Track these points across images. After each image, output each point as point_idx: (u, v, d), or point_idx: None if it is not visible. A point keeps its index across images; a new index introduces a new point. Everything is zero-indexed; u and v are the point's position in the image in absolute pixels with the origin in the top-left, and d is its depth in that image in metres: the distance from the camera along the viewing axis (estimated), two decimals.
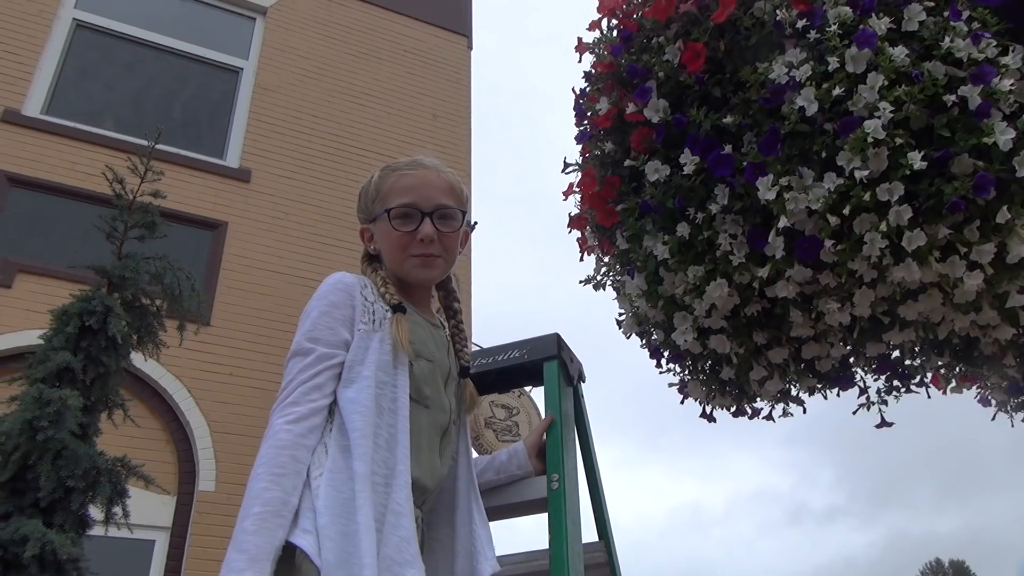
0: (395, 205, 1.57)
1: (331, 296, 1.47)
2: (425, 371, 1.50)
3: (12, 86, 6.56)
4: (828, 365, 1.90)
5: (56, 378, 2.92)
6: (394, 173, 1.62)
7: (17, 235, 6.05)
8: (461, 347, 1.66)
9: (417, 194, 1.58)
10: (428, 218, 1.56)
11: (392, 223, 1.56)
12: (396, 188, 1.59)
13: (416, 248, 1.56)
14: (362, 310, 1.46)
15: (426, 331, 1.56)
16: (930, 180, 1.45)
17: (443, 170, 1.65)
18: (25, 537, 2.61)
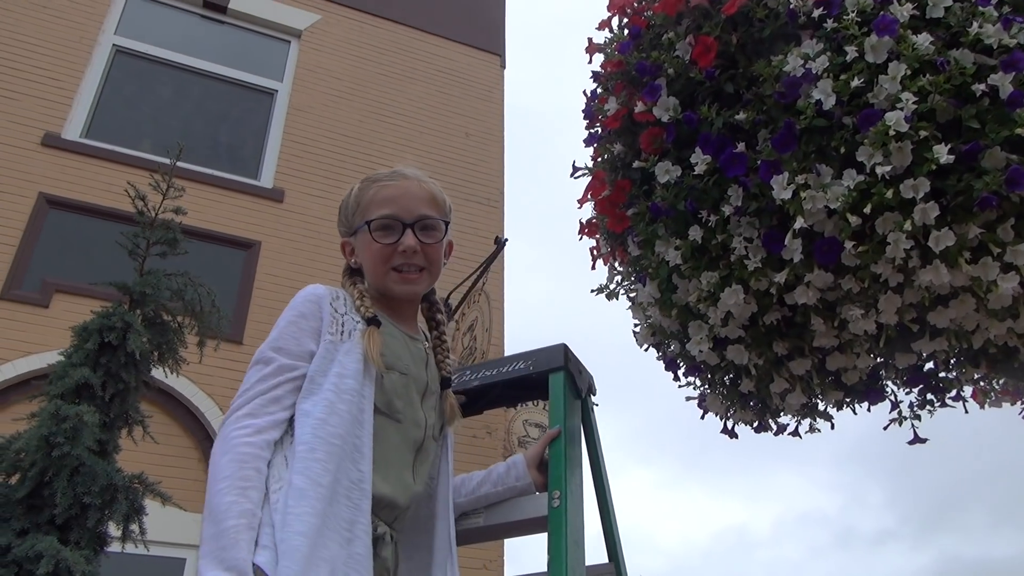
0: (375, 217, 1.52)
1: (300, 307, 1.43)
2: (397, 384, 1.44)
3: (53, 110, 6.69)
4: (855, 377, 1.79)
5: (74, 394, 2.91)
6: (374, 184, 1.58)
7: (55, 256, 6.14)
8: (443, 358, 1.61)
9: (398, 205, 1.53)
10: (410, 229, 1.52)
11: (373, 235, 1.52)
12: (376, 199, 1.55)
13: (398, 260, 1.52)
14: (330, 320, 1.42)
15: (401, 343, 1.51)
16: (958, 175, 1.35)
17: (425, 180, 1.61)
18: (40, 554, 2.59)
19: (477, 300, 6.35)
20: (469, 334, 6.24)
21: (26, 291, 5.84)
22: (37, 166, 6.36)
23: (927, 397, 1.90)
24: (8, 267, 5.86)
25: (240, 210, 6.83)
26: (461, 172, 7.98)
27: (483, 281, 6.46)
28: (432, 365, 1.57)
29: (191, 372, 5.45)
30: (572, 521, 1.42)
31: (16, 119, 6.48)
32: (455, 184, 7.84)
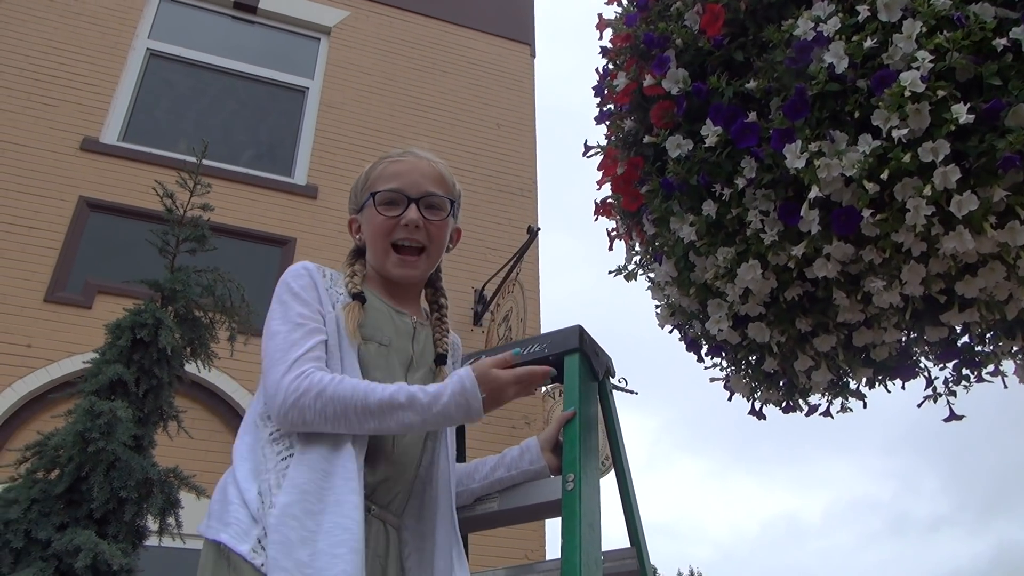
0: (381, 189, 1.53)
1: (298, 281, 1.44)
2: (373, 354, 1.44)
3: (91, 115, 6.82)
4: (885, 353, 1.73)
5: (109, 391, 2.96)
6: (384, 160, 1.60)
7: (97, 258, 6.27)
8: (440, 337, 1.62)
9: (405, 180, 1.54)
10: (414, 204, 1.53)
11: (377, 207, 1.52)
12: (385, 174, 1.56)
13: (399, 233, 1.52)
14: (324, 294, 1.44)
15: (385, 316, 1.51)
16: (980, 136, 1.29)
17: (435, 160, 1.61)
18: (78, 548, 2.64)
19: (511, 290, 6.33)
20: (504, 324, 6.23)
21: (70, 293, 5.98)
22: (77, 170, 6.49)
23: (962, 372, 1.83)
24: (52, 270, 6.00)
25: (275, 207, 6.90)
26: (493, 163, 7.97)
27: (517, 271, 6.44)
28: (422, 339, 1.57)
29: (230, 368, 5.54)
30: (586, 504, 1.39)
31: (56, 125, 6.63)
32: (487, 175, 7.83)
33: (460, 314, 6.88)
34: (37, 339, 5.70)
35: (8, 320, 5.70)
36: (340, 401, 1.28)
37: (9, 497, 2.83)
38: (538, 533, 6.08)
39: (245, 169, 7.04)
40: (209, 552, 1.27)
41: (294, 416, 1.28)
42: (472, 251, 7.18)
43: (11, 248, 5.97)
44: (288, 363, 1.31)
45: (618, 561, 1.56)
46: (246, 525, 1.23)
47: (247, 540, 1.21)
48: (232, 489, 1.29)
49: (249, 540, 1.21)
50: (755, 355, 1.81)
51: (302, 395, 1.28)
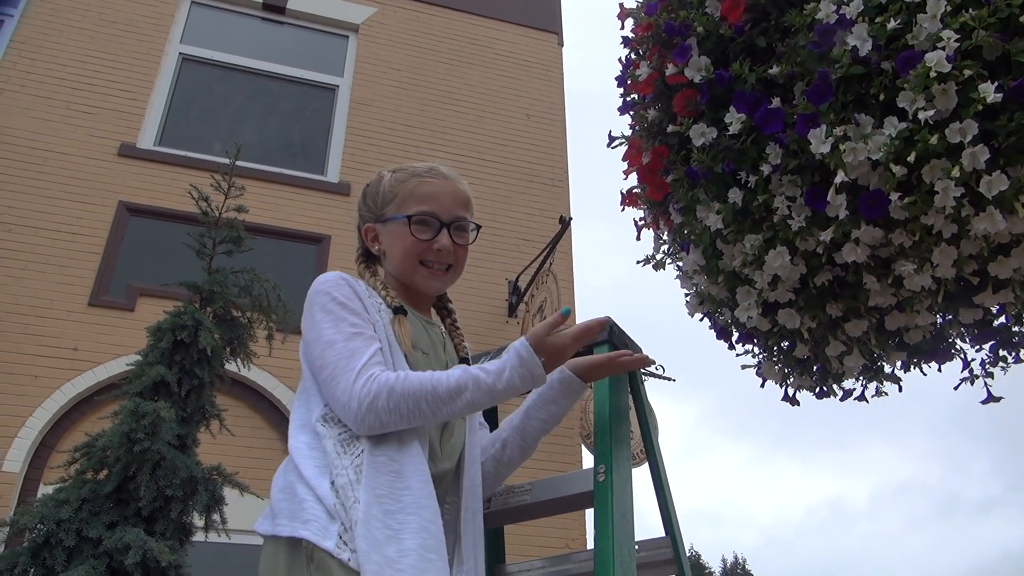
0: (415, 212, 1.55)
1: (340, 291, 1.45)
2: (420, 362, 1.48)
3: (128, 121, 6.95)
4: (918, 336, 1.71)
5: (152, 392, 3.04)
6: (413, 178, 1.60)
7: (138, 261, 6.40)
8: (459, 341, 1.66)
9: (437, 203, 1.57)
10: (446, 229, 1.56)
11: (412, 229, 1.54)
12: (416, 194, 1.57)
13: (429, 256, 1.56)
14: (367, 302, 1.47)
15: (420, 328, 1.56)
16: (1009, 114, 1.27)
17: (461, 182, 1.64)
18: (128, 545, 2.72)
19: (545, 281, 6.34)
20: (539, 315, 6.23)
21: (113, 296, 6.11)
22: (116, 176, 6.63)
23: (999, 353, 1.80)
24: (95, 274, 6.14)
25: (309, 206, 6.98)
26: (524, 154, 7.96)
27: (550, 261, 6.44)
28: (449, 348, 1.62)
29: (270, 365, 5.62)
30: (618, 495, 1.40)
31: (94, 132, 6.76)
32: (518, 166, 7.83)
33: (495, 306, 6.90)
34: (83, 342, 5.84)
35: (55, 324, 5.84)
36: (411, 396, 1.32)
37: (60, 498, 2.91)
38: (579, 522, 6.10)
39: (278, 169, 7.13)
40: (281, 550, 1.28)
41: (371, 420, 1.31)
42: (505, 243, 7.20)
43: (56, 254, 6.12)
44: (355, 371, 1.34)
45: (653, 550, 1.57)
46: (325, 521, 1.24)
47: (330, 536, 1.22)
48: (301, 487, 1.30)
49: (331, 536, 1.23)
50: (786, 341, 1.80)
51: (375, 398, 1.31)
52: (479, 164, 7.64)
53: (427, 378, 1.34)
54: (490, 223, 7.12)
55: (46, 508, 2.85)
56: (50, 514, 2.82)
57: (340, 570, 1.20)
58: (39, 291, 5.94)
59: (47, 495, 2.98)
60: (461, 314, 1.75)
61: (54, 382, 5.63)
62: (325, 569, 1.21)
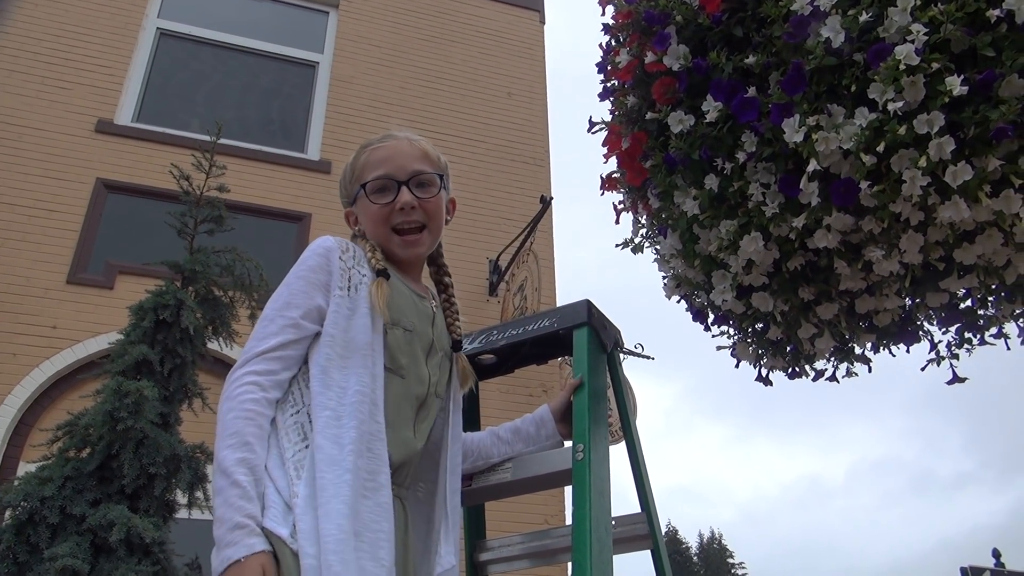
0: (370, 179, 1.55)
1: (310, 260, 1.45)
2: (400, 340, 1.45)
3: (105, 97, 6.88)
4: (887, 319, 1.77)
5: (135, 371, 3.05)
6: (366, 150, 1.60)
7: (116, 239, 6.36)
8: (452, 321, 1.62)
9: (391, 164, 1.55)
10: (404, 186, 1.54)
11: (369, 197, 1.54)
12: (370, 163, 1.57)
13: (397, 218, 1.53)
14: (339, 274, 1.43)
15: (408, 300, 1.52)
16: (974, 107, 1.31)
17: (415, 138, 1.62)
18: (112, 522, 2.74)
19: (526, 260, 6.37)
20: (519, 294, 6.28)
21: (91, 274, 6.08)
22: (93, 152, 6.56)
23: (965, 336, 1.86)
24: (73, 252, 6.10)
25: (289, 184, 6.96)
26: (505, 133, 7.96)
27: (531, 241, 6.48)
28: (439, 324, 1.58)
29: None
30: (596, 473, 1.45)
31: (71, 108, 6.69)
32: (500, 145, 7.84)
33: (475, 284, 6.93)
34: (62, 320, 5.81)
35: (33, 302, 5.81)
36: (225, 424, 1.28)
37: (43, 475, 2.93)
38: (557, 498, 6.19)
39: (258, 146, 7.09)
40: None
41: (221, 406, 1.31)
42: (486, 221, 7.21)
43: (33, 231, 6.07)
44: (250, 355, 1.34)
45: (629, 526, 1.62)
46: (283, 510, 1.26)
47: (286, 525, 1.24)
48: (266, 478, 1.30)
49: (287, 525, 1.24)
50: (760, 324, 1.85)
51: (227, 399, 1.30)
52: (460, 143, 7.64)
53: (242, 430, 1.27)
54: (471, 202, 7.14)
55: (29, 486, 2.87)
56: (33, 491, 2.83)
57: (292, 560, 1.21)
58: (16, 268, 5.90)
59: (30, 473, 3.00)
60: None
61: (33, 360, 5.61)
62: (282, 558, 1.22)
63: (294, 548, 1.22)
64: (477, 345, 1.82)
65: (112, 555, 2.73)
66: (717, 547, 52.59)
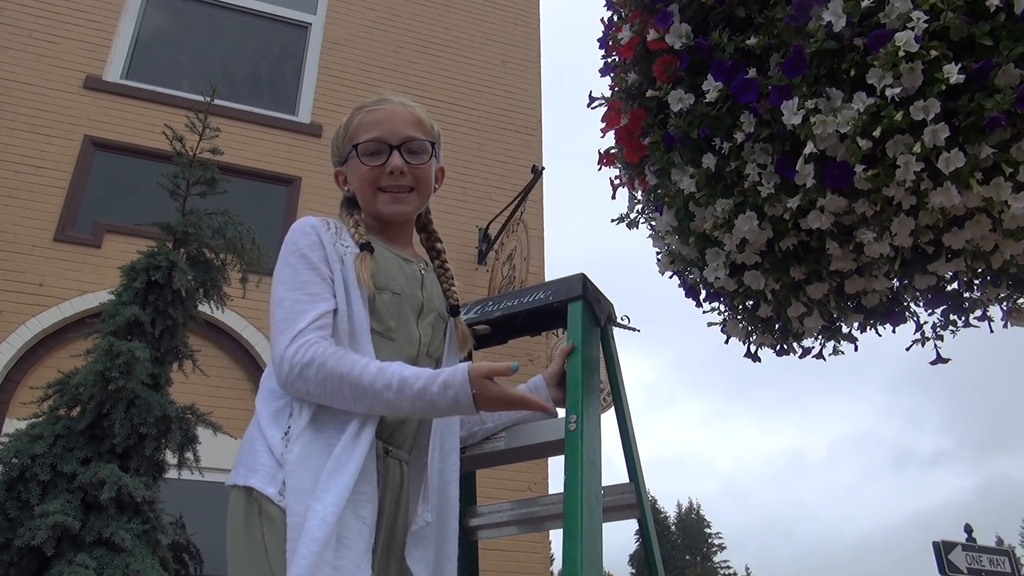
0: (362, 140, 1.56)
1: (301, 241, 1.47)
2: (389, 304, 1.49)
3: (93, 53, 6.79)
4: (875, 300, 1.80)
5: (126, 331, 3.06)
6: (360, 111, 1.62)
7: (104, 197, 6.32)
8: (448, 286, 1.65)
9: (384, 128, 1.57)
10: (396, 151, 1.56)
11: (361, 159, 1.56)
12: (363, 124, 1.59)
13: (385, 181, 1.56)
14: (330, 249, 1.48)
15: (394, 264, 1.56)
16: (970, 95, 1.33)
17: (410, 104, 1.64)
18: (103, 480, 2.77)
19: (515, 230, 6.38)
20: (508, 263, 6.30)
21: (78, 232, 6.05)
22: (81, 109, 6.49)
23: (950, 317, 1.90)
24: (60, 209, 6.06)
25: (280, 146, 6.91)
26: (498, 100, 7.93)
27: (521, 210, 6.49)
28: (429, 286, 1.61)
29: (240, 307, 5.64)
30: (588, 443, 1.48)
31: (58, 63, 6.60)
32: (492, 113, 7.80)
33: (464, 253, 6.95)
34: (49, 278, 5.79)
35: (20, 259, 5.78)
36: (338, 377, 1.32)
37: (34, 433, 2.95)
38: (541, 467, 6.27)
39: (249, 107, 7.03)
40: (239, 498, 1.33)
41: (300, 386, 1.34)
42: (477, 190, 7.21)
43: (20, 188, 6.02)
44: (293, 333, 1.36)
45: (617, 495, 1.66)
46: (272, 470, 1.30)
47: (274, 483, 1.28)
48: (257, 437, 1.36)
49: (276, 484, 1.28)
50: (751, 301, 1.88)
51: (305, 367, 1.33)
52: (453, 109, 7.60)
53: (360, 364, 1.34)
54: (462, 170, 7.12)
55: (20, 443, 2.89)
56: (24, 448, 2.85)
57: (281, 517, 1.25)
58: (2, 225, 5.86)
59: (20, 430, 3.02)
60: None
61: (19, 317, 5.60)
62: (269, 517, 1.26)
63: (281, 505, 1.26)
64: (472, 315, 1.84)
65: (102, 513, 2.76)
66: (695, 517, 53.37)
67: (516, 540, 5.78)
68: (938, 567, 9.40)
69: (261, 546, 1.26)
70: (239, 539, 1.30)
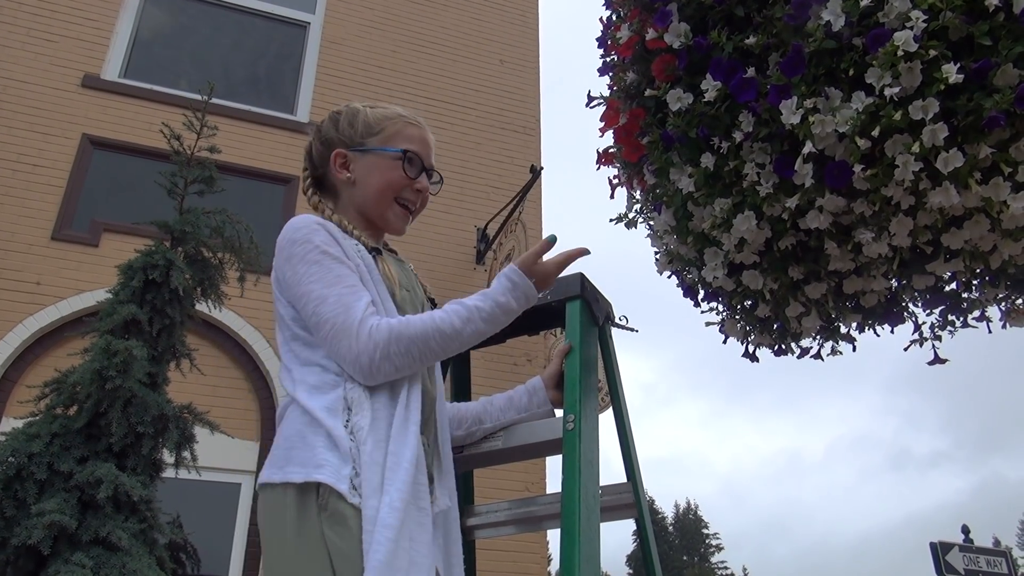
0: (408, 148, 1.60)
1: (316, 236, 1.44)
2: (407, 300, 1.54)
3: (91, 51, 6.78)
4: (873, 300, 1.80)
5: (124, 330, 3.05)
6: (400, 118, 1.64)
7: (102, 196, 6.31)
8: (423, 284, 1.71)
9: (424, 147, 1.64)
10: (427, 173, 1.64)
11: (405, 165, 1.59)
12: (403, 134, 1.62)
13: (407, 194, 1.61)
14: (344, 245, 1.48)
15: (395, 263, 1.61)
16: (969, 95, 1.33)
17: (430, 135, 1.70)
18: (99, 479, 2.76)
19: (513, 230, 6.38)
20: (506, 263, 6.29)
21: (76, 231, 6.04)
22: (79, 107, 6.49)
23: (948, 318, 1.90)
24: (57, 208, 6.05)
25: (278, 145, 6.91)
26: (496, 100, 7.92)
27: (519, 210, 6.48)
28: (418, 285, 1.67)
29: (237, 306, 5.63)
30: (586, 443, 1.48)
31: (56, 61, 6.59)
32: (490, 112, 7.80)
33: (463, 252, 6.94)
34: (46, 276, 5.78)
35: (17, 258, 5.77)
36: (420, 338, 1.36)
37: (31, 432, 2.94)
38: (539, 467, 6.27)
39: (247, 106, 7.02)
40: (289, 497, 1.26)
41: (387, 368, 1.33)
42: (475, 190, 7.21)
43: (17, 186, 6.01)
44: (355, 325, 1.34)
45: (615, 495, 1.66)
46: (338, 465, 1.26)
47: (343, 480, 1.24)
48: (312, 433, 1.30)
49: (344, 481, 1.24)
50: (749, 301, 1.88)
51: (386, 346, 1.33)
52: (451, 109, 7.60)
53: (427, 318, 1.39)
54: (460, 169, 7.12)
55: (17, 441, 2.88)
56: (21, 447, 2.85)
57: (355, 516, 1.21)
58: (0, 224, 5.85)
59: (17, 429, 3.01)
60: (429, 260, 1.83)
61: (16, 316, 5.59)
62: (337, 514, 1.21)
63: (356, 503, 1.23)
64: None
65: (99, 512, 2.76)
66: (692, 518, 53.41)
67: (513, 540, 5.78)
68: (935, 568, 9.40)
69: (321, 546, 1.20)
70: (287, 538, 1.23)
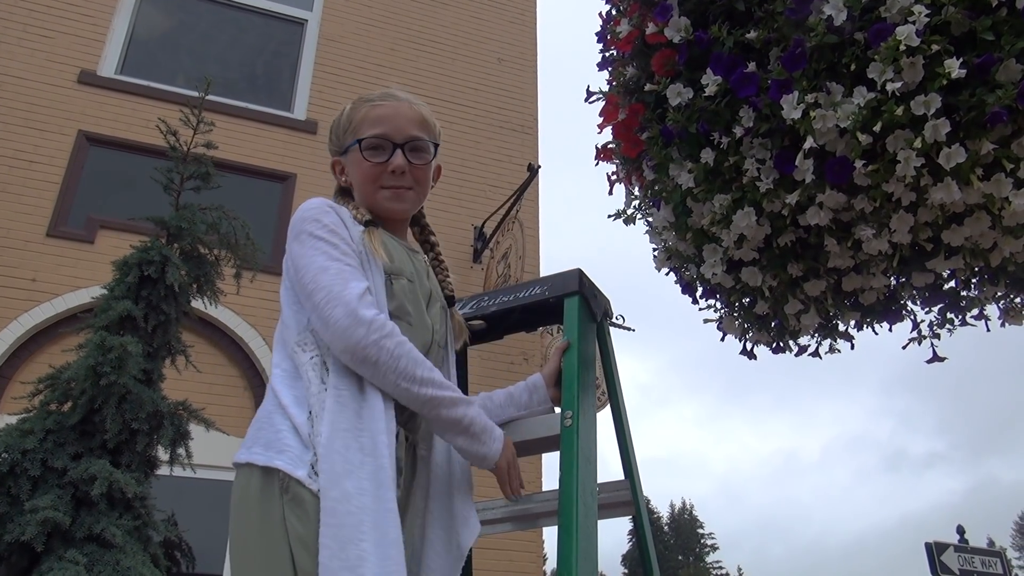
0: (367, 136, 1.55)
1: (325, 218, 1.45)
2: (406, 289, 1.50)
3: (88, 48, 6.75)
4: (872, 297, 1.79)
5: (119, 326, 3.04)
6: (366, 104, 1.60)
7: (98, 192, 6.29)
8: (444, 278, 1.67)
9: (389, 125, 1.56)
10: (399, 149, 1.55)
11: (363, 154, 1.55)
12: (368, 119, 1.57)
13: (387, 179, 1.55)
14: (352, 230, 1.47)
15: (403, 253, 1.57)
16: (971, 90, 1.32)
17: (416, 102, 1.63)
18: (94, 476, 2.75)
19: (511, 228, 6.37)
20: (503, 262, 6.28)
21: (72, 228, 6.01)
22: (75, 104, 6.46)
23: (947, 316, 1.89)
24: (53, 204, 6.03)
25: (275, 143, 6.89)
26: (494, 98, 7.91)
27: (517, 209, 6.47)
28: (433, 279, 1.63)
29: (233, 304, 5.62)
30: (583, 439, 1.47)
31: (53, 57, 6.57)
32: (488, 111, 7.79)
33: (460, 251, 6.93)
34: (41, 273, 5.76)
35: (12, 254, 5.75)
36: (413, 361, 1.33)
37: (24, 428, 2.92)
38: (535, 464, 6.25)
39: (244, 104, 7.00)
40: (254, 479, 1.28)
41: (372, 352, 1.31)
42: (472, 188, 7.19)
43: (13, 182, 5.99)
44: (353, 298, 1.33)
45: (613, 492, 1.65)
46: (299, 451, 1.27)
47: (302, 466, 1.26)
48: (279, 417, 1.32)
49: (304, 466, 1.26)
50: (748, 298, 1.87)
51: (386, 336, 1.31)
52: (449, 107, 7.58)
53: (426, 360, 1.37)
54: (458, 168, 7.11)
55: (10, 438, 2.86)
56: (15, 443, 2.83)
57: (312, 500, 1.23)
58: None
59: (11, 425, 2.99)
60: None
61: (11, 312, 5.57)
62: (298, 499, 1.24)
63: (314, 488, 1.24)
64: (468, 310, 1.83)
65: (93, 508, 2.74)
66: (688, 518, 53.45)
67: (509, 538, 5.77)
68: (930, 568, 9.41)
69: (281, 526, 1.22)
70: (250, 518, 1.26)
